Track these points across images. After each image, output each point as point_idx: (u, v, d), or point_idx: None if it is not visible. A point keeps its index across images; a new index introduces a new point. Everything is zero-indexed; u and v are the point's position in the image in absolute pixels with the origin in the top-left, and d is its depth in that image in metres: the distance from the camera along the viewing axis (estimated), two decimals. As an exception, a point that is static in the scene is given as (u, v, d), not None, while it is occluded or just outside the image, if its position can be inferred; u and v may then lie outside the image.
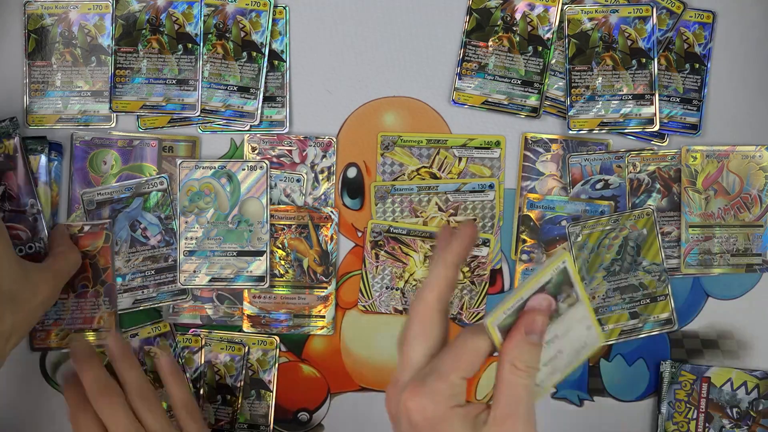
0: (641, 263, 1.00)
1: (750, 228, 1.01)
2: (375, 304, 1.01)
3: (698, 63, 1.01)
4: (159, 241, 0.99)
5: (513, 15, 1.00)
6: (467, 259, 0.99)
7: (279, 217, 0.99)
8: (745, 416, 1.00)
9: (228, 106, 0.99)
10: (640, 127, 1.00)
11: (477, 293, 1.01)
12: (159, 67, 0.99)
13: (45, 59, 0.99)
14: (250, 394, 1.00)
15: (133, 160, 0.99)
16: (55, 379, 1.00)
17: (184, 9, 0.99)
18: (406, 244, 1.00)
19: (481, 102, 1.01)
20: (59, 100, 0.99)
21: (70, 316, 0.97)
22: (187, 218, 0.98)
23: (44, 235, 0.96)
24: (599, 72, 1.00)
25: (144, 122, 1.00)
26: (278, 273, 1.00)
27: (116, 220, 0.98)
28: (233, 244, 0.98)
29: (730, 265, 1.01)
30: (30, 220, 0.95)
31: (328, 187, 1.01)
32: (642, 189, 1.01)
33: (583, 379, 1.02)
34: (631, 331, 1.00)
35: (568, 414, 1.02)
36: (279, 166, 1.00)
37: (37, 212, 0.96)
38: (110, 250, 0.98)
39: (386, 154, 1.01)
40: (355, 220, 1.01)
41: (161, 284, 0.99)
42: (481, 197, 1.01)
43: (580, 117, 1.00)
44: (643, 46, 1.00)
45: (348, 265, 1.01)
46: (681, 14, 1.01)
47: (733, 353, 1.02)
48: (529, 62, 1.00)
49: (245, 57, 0.99)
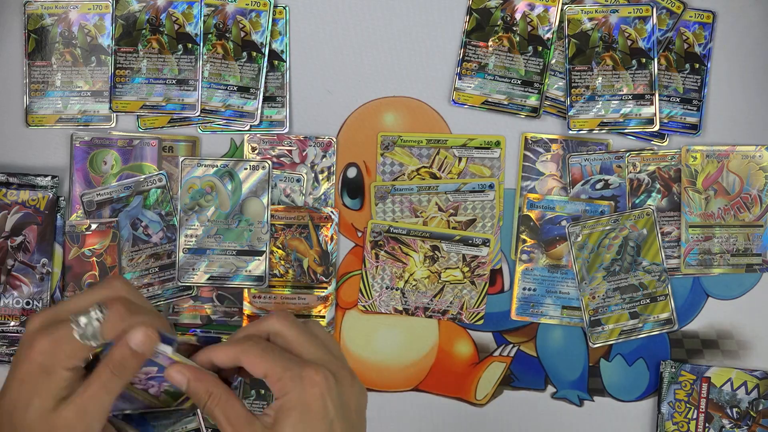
0: (641, 263, 1.00)
1: (750, 228, 1.01)
2: (375, 304, 1.01)
3: (698, 63, 1.01)
4: (161, 238, 0.99)
5: (513, 15, 1.00)
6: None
7: (279, 217, 0.99)
8: (745, 416, 1.00)
9: (228, 106, 0.99)
10: (640, 127, 1.00)
11: (477, 293, 1.01)
12: (159, 67, 0.99)
13: (45, 59, 0.99)
14: (250, 394, 1.00)
15: (134, 160, 0.99)
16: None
17: (184, 9, 0.99)
18: (406, 244, 1.00)
19: (481, 102, 1.01)
20: (59, 100, 0.99)
21: (72, 315, 0.98)
22: (187, 216, 0.99)
23: (46, 296, 0.97)
24: (599, 72, 1.00)
25: (144, 122, 1.00)
26: (278, 273, 1.00)
27: (117, 220, 0.98)
28: (233, 243, 0.98)
29: (730, 265, 1.01)
30: (37, 278, 0.96)
31: (328, 187, 1.01)
32: (642, 189, 1.01)
33: (583, 379, 1.02)
34: (631, 331, 1.00)
35: (568, 414, 1.02)
36: (279, 166, 1.00)
37: (47, 273, 0.97)
38: (117, 248, 0.98)
39: (386, 154, 1.01)
40: (355, 220, 1.01)
41: (166, 281, 0.99)
42: (481, 197, 1.01)
43: (580, 117, 1.00)
44: (643, 46, 1.00)
45: (348, 265, 1.01)
46: (681, 14, 1.01)
47: (733, 353, 1.02)
48: (529, 62, 1.00)
49: (245, 57, 0.99)
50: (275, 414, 0.61)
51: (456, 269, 1.00)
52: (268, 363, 0.61)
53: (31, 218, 0.96)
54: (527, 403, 1.02)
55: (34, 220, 0.96)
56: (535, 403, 1.02)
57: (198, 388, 0.62)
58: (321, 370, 0.62)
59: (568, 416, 1.02)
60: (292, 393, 0.61)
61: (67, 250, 0.97)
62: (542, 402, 1.02)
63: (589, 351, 1.02)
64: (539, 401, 1.02)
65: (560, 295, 1.01)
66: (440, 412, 1.02)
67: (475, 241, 1.00)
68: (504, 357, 1.02)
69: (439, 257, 1.00)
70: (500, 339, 1.02)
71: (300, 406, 0.61)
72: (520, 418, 1.02)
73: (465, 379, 1.02)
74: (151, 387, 0.65)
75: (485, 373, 1.02)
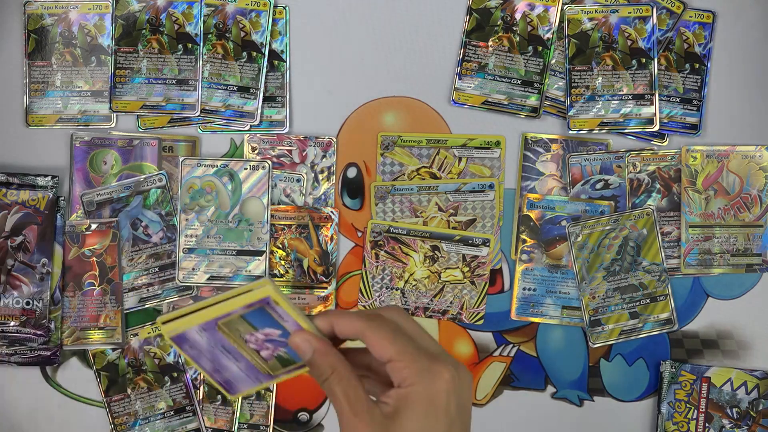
0: (641, 263, 1.00)
1: (750, 228, 1.01)
2: (375, 304, 1.01)
3: (698, 63, 1.01)
4: (161, 238, 0.99)
5: (513, 15, 1.00)
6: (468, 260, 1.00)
7: (279, 217, 0.99)
8: (745, 416, 1.00)
9: (228, 106, 0.99)
10: (640, 127, 1.00)
11: (477, 293, 1.01)
12: (159, 67, 0.99)
13: (45, 59, 0.99)
14: (251, 394, 1.00)
15: (134, 160, 0.99)
16: (55, 380, 1.00)
17: (184, 9, 0.99)
18: (406, 244, 1.00)
19: (481, 102, 1.01)
20: (59, 100, 0.99)
21: (76, 314, 0.98)
22: (187, 215, 0.99)
23: (46, 296, 0.97)
24: (599, 72, 1.00)
25: (144, 122, 1.00)
26: (278, 273, 1.00)
27: (117, 220, 0.98)
28: (233, 243, 0.98)
29: (730, 265, 1.01)
30: (37, 278, 0.96)
31: (328, 187, 1.01)
32: (642, 189, 1.01)
33: (583, 379, 1.02)
34: (631, 331, 1.00)
35: (568, 414, 1.02)
36: (279, 166, 1.00)
37: (47, 273, 0.96)
38: (117, 248, 0.98)
39: (386, 154, 1.01)
40: (355, 220, 1.01)
41: (166, 281, 0.99)
42: (481, 197, 1.01)
43: (580, 117, 1.00)
44: (643, 46, 1.00)
45: (348, 265, 1.01)
46: (681, 14, 1.01)
47: (733, 353, 1.02)
48: (529, 62, 1.00)
49: (245, 57, 0.99)
50: (395, 403, 0.58)
51: (456, 269, 1.00)
52: (398, 347, 0.58)
53: (31, 218, 0.96)
54: (527, 403, 1.02)
55: (34, 220, 0.96)
56: (535, 403, 1.02)
57: (323, 362, 0.59)
58: (449, 366, 0.58)
59: (568, 416, 1.02)
60: (418, 385, 0.57)
61: (67, 250, 0.97)
62: (542, 402, 1.02)
63: (589, 351, 1.02)
64: (539, 401, 1.02)
65: (560, 295, 1.01)
66: (440, 412, 1.02)
67: (475, 241, 1.00)
68: (504, 357, 1.02)
69: (439, 257, 1.00)
70: (500, 339, 1.02)
71: (425, 400, 0.57)
72: (520, 418, 1.02)
73: (465, 379, 1.02)
74: (265, 349, 0.62)
75: (485, 373, 1.02)
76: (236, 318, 0.59)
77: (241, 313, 0.59)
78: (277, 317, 0.59)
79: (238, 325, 0.60)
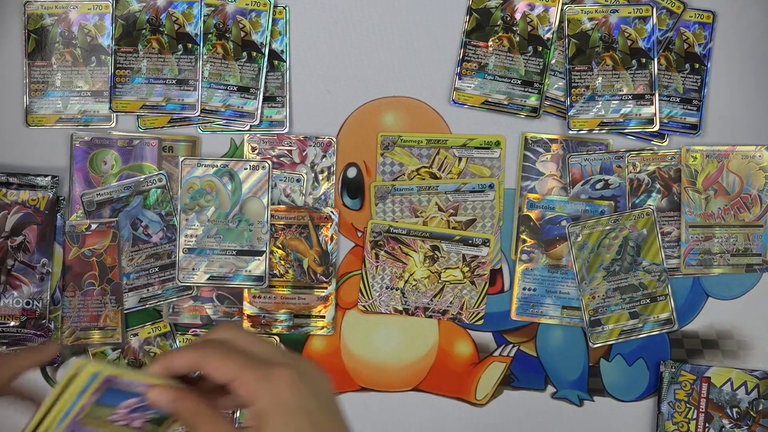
0: (641, 263, 1.00)
1: (750, 228, 1.01)
2: (375, 304, 1.01)
3: (698, 63, 1.01)
4: (161, 239, 0.99)
5: (513, 15, 1.00)
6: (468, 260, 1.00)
7: (279, 217, 0.99)
8: (745, 416, 1.00)
9: (228, 106, 0.99)
10: (640, 127, 1.00)
11: (477, 293, 1.01)
12: (159, 67, 0.99)
13: (45, 59, 0.99)
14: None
15: (134, 160, 0.99)
16: (55, 379, 1.00)
17: (184, 9, 0.99)
18: (406, 244, 1.00)
19: (481, 102, 1.01)
20: (59, 100, 0.99)
21: (76, 314, 0.98)
22: (187, 216, 0.99)
23: (46, 296, 0.97)
24: (599, 72, 1.00)
25: (144, 122, 1.00)
26: (278, 273, 1.00)
27: (117, 220, 0.98)
28: (233, 243, 0.98)
29: (730, 265, 1.01)
30: (37, 278, 0.96)
31: (328, 187, 1.01)
32: (642, 189, 1.01)
33: (583, 379, 1.02)
34: (631, 331, 1.00)
35: (568, 414, 1.02)
36: (279, 166, 1.00)
37: (47, 273, 0.97)
38: (117, 248, 0.98)
39: (386, 154, 1.01)
40: (355, 220, 1.01)
41: (166, 281, 0.99)
42: (481, 197, 1.01)
43: (580, 117, 1.00)
44: (643, 46, 1.00)
45: (348, 265, 1.01)
46: (681, 14, 1.01)
47: (733, 353, 1.02)
48: (529, 62, 1.00)
49: (245, 57, 0.99)
50: (255, 423, 0.58)
51: (456, 269, 1.00)
52: (233, 366, 0.58)
53: (31, 218, 0.96)
54: (527, 403, 1.02)
55: (34, 220, 0.96)
56: (535, 403, 1.02)
57: (183, 408, 0.59)
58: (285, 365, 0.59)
59: (568, 416, 1.02)
60: (263, 396, 0.58)
61: (67, 250, 0.97)
62: (542, 402, 1.02)
63: (589, 351, 1.02)
64: (539, 401, 1.02)
65: (560, 295, 1.01)
66: (440, 412, 1.02)
67: (475, 241, 1.00)
68: (504, 357, 1.02)
69: (439, 257, 1.00)
70: (500, 339, 1.02)
71: (277, 407, 0.58)
72: (520, 418, 1.02)
73: (465, 379, 1.02)
74: (134, 420, 0.62)
75: (485, 373, 1.02)
76: (91, 407, 0.58)
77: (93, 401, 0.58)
78: (126, 387, 0.58)
79: (97, 413, 0.59)
